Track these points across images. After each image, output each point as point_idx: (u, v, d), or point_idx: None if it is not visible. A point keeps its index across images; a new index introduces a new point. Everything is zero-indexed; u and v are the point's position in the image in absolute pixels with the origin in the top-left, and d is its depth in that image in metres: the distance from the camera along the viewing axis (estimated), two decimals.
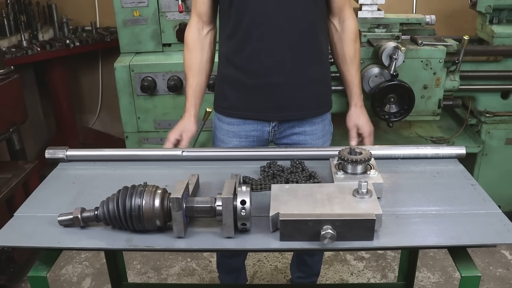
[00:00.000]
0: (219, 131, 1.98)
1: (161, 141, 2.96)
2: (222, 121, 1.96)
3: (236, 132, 1.93)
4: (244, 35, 1.78)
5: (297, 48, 1.80)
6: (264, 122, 1.92)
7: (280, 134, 1.96)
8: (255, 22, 1.75)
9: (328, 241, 1.18)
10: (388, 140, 3.01)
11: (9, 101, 2.82)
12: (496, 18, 2.90)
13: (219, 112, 1.97)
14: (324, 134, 2.02)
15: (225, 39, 1.85)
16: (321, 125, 1.99)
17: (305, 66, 1.84)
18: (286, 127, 1.94)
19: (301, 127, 1.95)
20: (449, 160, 1.67)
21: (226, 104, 1.92)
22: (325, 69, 1.95)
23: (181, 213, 1.22)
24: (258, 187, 1.48)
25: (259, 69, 1.81)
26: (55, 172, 1.67)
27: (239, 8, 1.75)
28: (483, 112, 2.91)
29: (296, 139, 1.96)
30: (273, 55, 1.79)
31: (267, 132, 1.94)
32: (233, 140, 1.94)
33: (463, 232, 1.27)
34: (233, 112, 1.92)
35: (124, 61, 2.87)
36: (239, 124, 1.93)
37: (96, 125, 4.30)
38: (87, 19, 3.82)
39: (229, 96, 1.90)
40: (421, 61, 2.60)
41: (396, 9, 3.08)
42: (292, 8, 1.75)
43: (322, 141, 2.01)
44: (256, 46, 1.78)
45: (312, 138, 1.98)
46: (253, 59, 1.80)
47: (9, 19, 3.36)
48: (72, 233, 1.31)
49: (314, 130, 1.97)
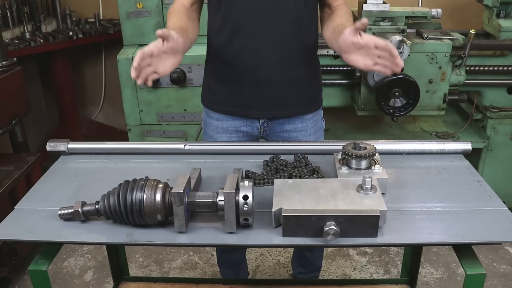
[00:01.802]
0: (208, 127, 1.94)
1: (164, 134, 2.96)
2: (210, 116, 1.92)
3: (225, 128, 1.89)
4: (233, 30, 1.73)
5: (286, 45, 1.75)
6: (253, 118, 1.88)
7: (270, 131, 1.92)
8: (244, 17, 1.71)
9: (331, 238, 1.16)
10: (393, 135, 2.99)
11: (12, 93, 2.81)
12: (503, 12, 2.86)
13: (207, 106, 1.93)
14: (316, 130, 1.96)
15: (214, 33, 1.81)
16: (312, 121, 1.93)
17: (294, 63, 1.79)
18: (276, 123, 1.89)
19: (292, 124, 1.90)
20: (455, 155, 1.65)
21: (213, 98, 1.89)
22: (314, 67, 1.90)
23: (182, 208, 1.20)
24: (261, 181, 1.46)
25: (246, 65, 1.77)
26: (57, 165, 1.65)
27: (228, 2, 1.71)
28: (488, 107, 2.89)
29: (286, 136, 1.91)
30: (261, 51, 1.74)
31: (257, 128, 1.90)
32: (222, 136, 1.90)
33: (468, 229, 1.25)
34: (220, 107, 1.88)
35: (127, 53, 2.85)
36: (227, 120, 1.88)
37: (99, 117, 4.29)
38: (90, 11, 3.80)
39: (216, 90, 1.87)
40: (426, 55, 2.57)
41: (402, 2, 3.04)
42: (282, 4, 1.71)
43: (314, 138, 1.95)
44: (244, 42, 1.73)
45: (303, 135, 1.92)
46: (241, 55, 1.76)
47: (12, 11, 3.34)
48: (72, 227, 1.30)
49: (305, 126, 1.92)
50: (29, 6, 3.51)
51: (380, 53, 1.45)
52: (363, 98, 2.67)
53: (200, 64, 2.55)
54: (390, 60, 1.44)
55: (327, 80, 2.79)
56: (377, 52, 1.45)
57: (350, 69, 2.76)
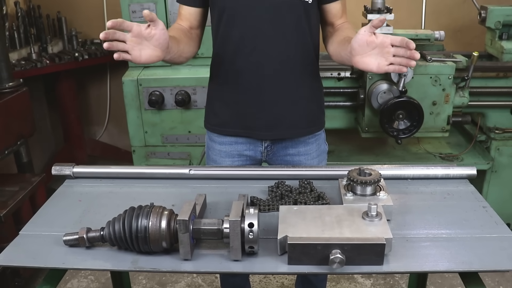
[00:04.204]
0: (211, 151, 1.93)
1: (168, 155, 2.96)
2: (213, 140, 1.91)
3: (228, 152, 1.89)
4: (235, 51, 1.73)
5: (289, 65, 1.75)
6: (257, 141, 1.87)
7: (274, 155, 1.91)
8: (246, 37, 1.71)
9: (337, 266, 1.16)
10: (397, 157, 2.98)
11: (18, 114, 2.83)
12: (506, 33, 2.88)
13: (210, 129, 1.92)
14: (319, 154, 1.95)
15: (216, 54, 1.82)
16: (315, 144, 1.93)
17: (297, 84, 1.79)
18: (280, 147, 1.89)
19: (295, 148, 1.89)
20: (460, 180, 1.65)
21: (217, 121, 1.88)
22: (317, 87, 1.90)
23: (187, 235, 1.20)
24: (266, 208, 1.46)
25: (249, 86, 1.77)
26: (62, 189, 1.66)
27: (229, 23, 1.72)
28: (492, 129, 2.89)
29: (289, 160, 1.90)
30: (264, 71, 1.74)
31: (260, 152, 1.90)
32: (225, 160, 1.90)
33: (475, 256, 1.25)
34: (223, 129, 1.87)
35: (132, 75, 2.88)
36: (231, 144, 1.88)
37: (104, 137, 4.31)
38: (96, 32, 3.83)
39: (219, 112, 1.87)
40: (430, 77, 2.58)
41: (405, 24, 3.08)
42: (284, 24, 1.71)
43: (317, 161, 1.94)
44: (247, 62, 1.73)
45: (307, 159, 1.91)
46: (244, 75, 1.76)
47: (19, 32, 3.38)
48: (77, 253, 1.29)
49: (308, 150, 1.91)
50: (36, 27, 3.55)
51: (396, 51, 1.41)
52: (367, 120, 2.68)
53: (205, 86, 2.56)
54: (406, 56, 1.40)
55: (331, 102, 2.80)
56: (392, 50, 1.41)
57: (354, 91, 2.77)
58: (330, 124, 2.88)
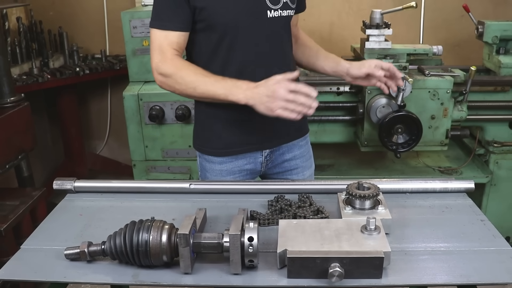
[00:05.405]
0: (210, 173, 1.91)
1: (169, 169, 2.98)
2: (212, 162, 1.89)
3: (230, 169, 1.89)
4: (241, 71, 1.74)
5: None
6: (257, 153, 1.90)
7: (272, 164, 1.95)
8: (248, 60, 1.75)
9: (336, 279, 1.16)
10: (396, 170, 3.00)
11: (19, 128, 2.85)
12: (503, 48, 2.91)
13: (211, 153, 1.89)
14: (310, 155, 2.06)
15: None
16: (306, 147, 2.03)
17: None
18: (277, 154, 1.94)
19: (291, 152, 1.96)
20: (458, 194, 1.66)
21: (222, 143, 1.86)
22: None
23: (188, 249, 1.21)
24: (266, 222, 1.47)
25: None
26: (63, 204, 1.67)
27: (232, 47, 1.73)
28: (491, 142, 2.90)
29: (287, 166, 1.97)
30: None
31: (260, 163, 1.92)
32: (226, 178, 1.89)
33: (473, 270, 1.26)
34: (229, 150, 1.86)
35: (133, 90, 2.90)
36: (231, 161, 1.88)
37: (104, 151, 4.32)
38: (97, 47, 3.88)
39: (224, 135, 1.85)
40: (428, 91, 2.61)
41: (403, 39, 3.10)
42: (281, 40, 1.80)
43: (310, 163, 2.04)
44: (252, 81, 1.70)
45: (302, 161, 1.99)
46: None
47: (21, 47, 3.42)
48: (78, 267, 1.30)
49: (303, 152, 2.00)
50: (37, 42, 3.59)
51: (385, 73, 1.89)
52: (366, 134, 2.70)
53: None
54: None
55: (330, 116, 2.83)
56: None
57: (353, 105, 2.79)
58: (330, 138, 2.90)
